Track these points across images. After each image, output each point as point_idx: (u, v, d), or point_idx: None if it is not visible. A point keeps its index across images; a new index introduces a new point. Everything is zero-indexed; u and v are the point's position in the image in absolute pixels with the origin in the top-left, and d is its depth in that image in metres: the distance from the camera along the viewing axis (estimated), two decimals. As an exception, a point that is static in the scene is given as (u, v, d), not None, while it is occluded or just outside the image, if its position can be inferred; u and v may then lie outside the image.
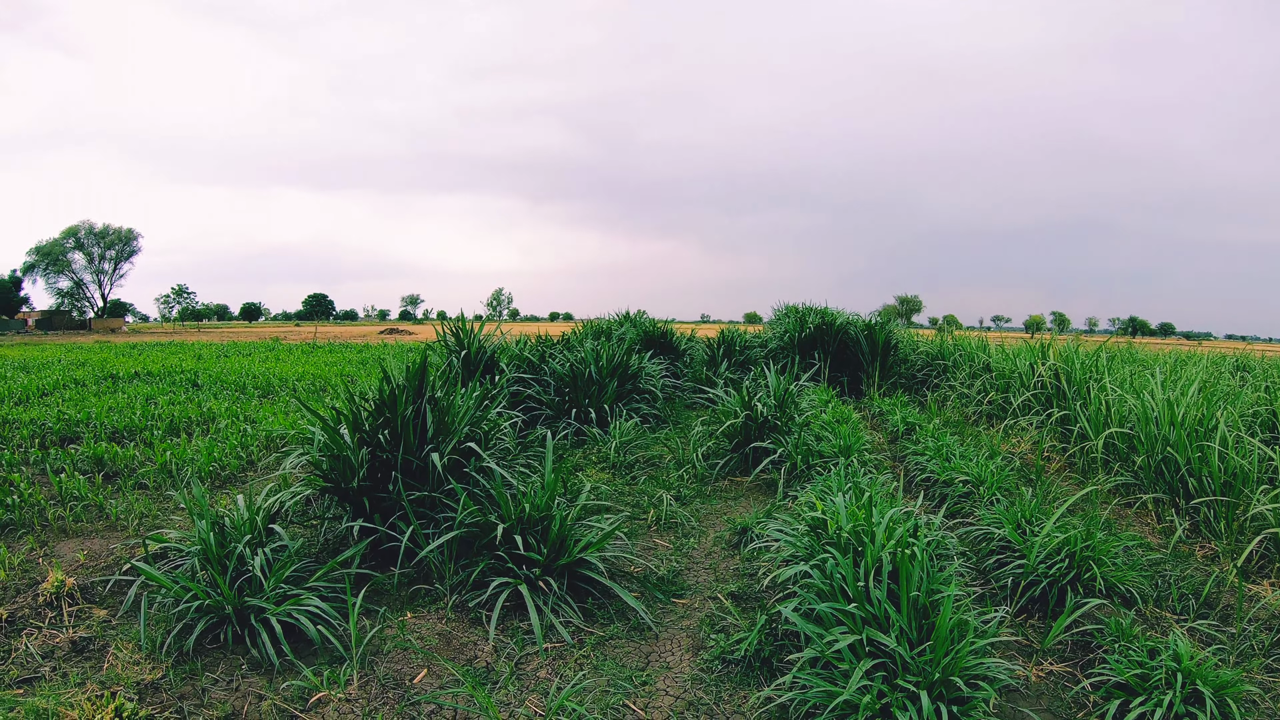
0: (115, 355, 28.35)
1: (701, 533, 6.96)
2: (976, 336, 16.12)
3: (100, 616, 5.13)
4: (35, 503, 7.33)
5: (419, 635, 4.89)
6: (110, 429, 11.15)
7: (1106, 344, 11.33)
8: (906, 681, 3.67)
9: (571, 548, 5.44)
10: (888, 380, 15.77)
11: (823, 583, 4.43)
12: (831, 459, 8.16)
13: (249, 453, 9.76)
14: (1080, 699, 4.20)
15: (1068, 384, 10.16)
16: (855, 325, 16.34)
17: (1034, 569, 5.22)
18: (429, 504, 6.08)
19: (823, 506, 5.43)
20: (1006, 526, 5.84)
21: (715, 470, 8.90)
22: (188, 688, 4.28)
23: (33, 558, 6.20)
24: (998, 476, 7.45)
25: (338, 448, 6.16)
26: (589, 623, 5.12)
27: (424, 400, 6.45)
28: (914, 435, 10.12)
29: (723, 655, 4.57)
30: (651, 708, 4.15)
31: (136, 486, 8.32)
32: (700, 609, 5.35)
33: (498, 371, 11.07)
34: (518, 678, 4.43)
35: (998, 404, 11.93)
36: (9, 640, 4.78)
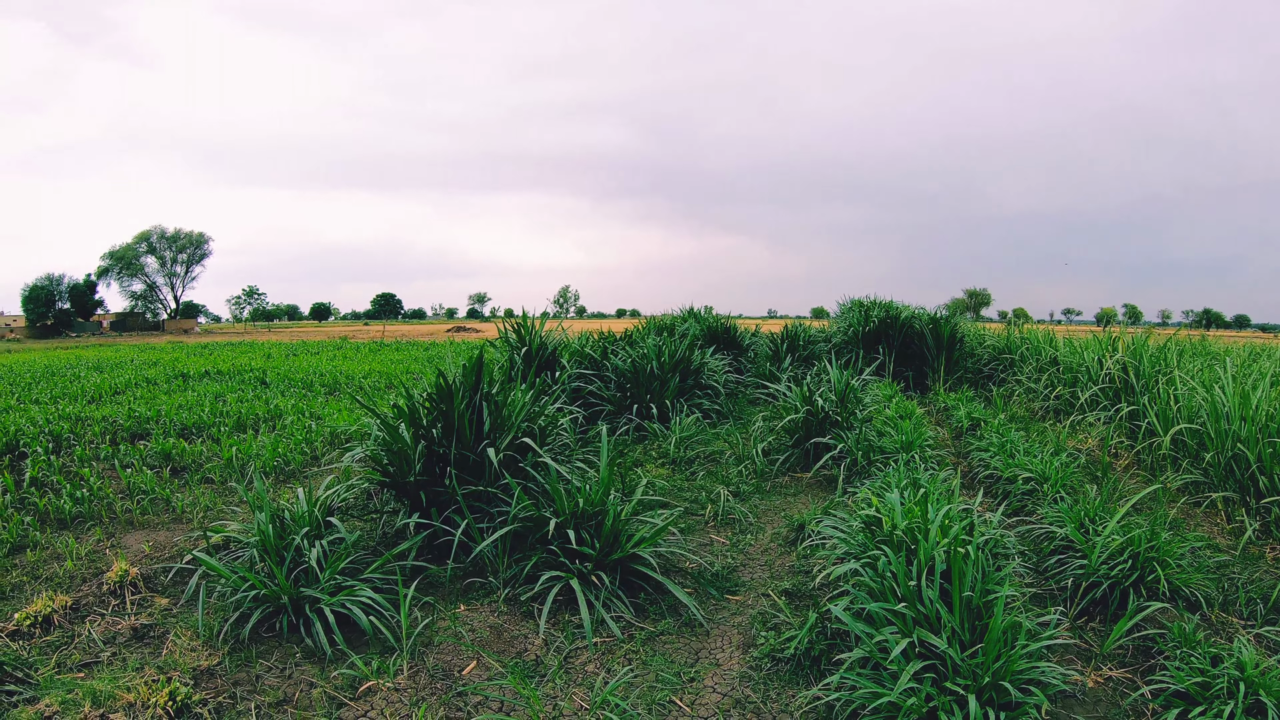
0: (186, 355, 28.97)
1: (759, 529, 6.92)
2: (1044, 330, 15.85)
3: (162, 605, 5.28)
4: (104, 496, 7.54)
5: (471, 628, 4.94)
6: (179, 426, 11.39)
7: (1175, 336, 11.04)
8: (956, 684, 3.61)
9: (624, 543, 5.44)
10: (953, 375, 15.54)
11: (874, 581, 4.38)
12: (893, 455, 8.04)
13: (313, 448, 9.94)
14: (1138, 707, 4.04)
15: (1136, 378, 9.93)
16: (920, 319, 16.10)
17: (1095, 569, 5.07)
18: (484, 498, 6.12)
19: (878, 503, 5.37)
20: (1069, 525, 5.69)
21: (775, 466, 8.83)
22: (242, 674, 4.40)
23: (100, 549, 6.37)
24: (1062, 473, 7.27)
25: (394, 442, 6.23)
26: (640, 618, 5.12)
27: (479, 396, 6.50)
28: (978, 431, 9.97)
29: (772, 653, 4.53)
30: (698, 705, 4.14)
31: (203, 481, 8.53)
32: (753, 606, 5.32)
33: (558, 368, 11.13)
34: (565, 671, 4.46)
35: (1065, 399, 11.71)
36: (73, 626, 4.93)
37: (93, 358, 27.88)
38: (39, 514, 7.16)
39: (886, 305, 17.20)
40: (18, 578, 5.78)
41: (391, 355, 28.00)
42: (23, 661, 4.48)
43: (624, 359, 11.88)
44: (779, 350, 16.53)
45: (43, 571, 5.90)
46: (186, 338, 64.37)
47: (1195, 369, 9.60)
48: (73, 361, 25.19)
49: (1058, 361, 12.83)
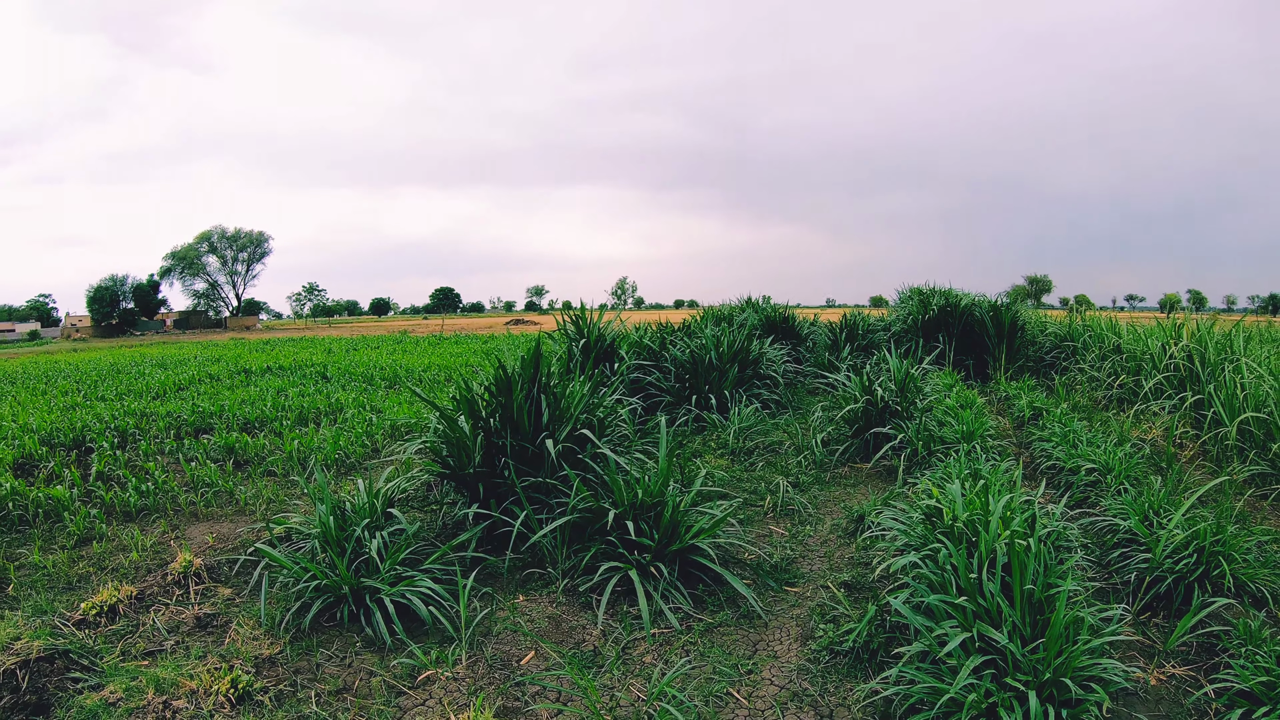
0: (248, 351, 29.47)
1: (818, 520, 6.89)
2: (1107, 316, 15.59)
3: (225, 595, 5.40)
4: (169, 489, 7.71)
5: (529, 618, 4.99)
6: (242, 420, 11.61)
7: (1242, 322, 10.79)
8: (1016, 680, 3.56)
9: (683, 534, 5.46)
10: (1014, 363, 15.34)
11: (934, 573, 4.33)
12: (953, 445, 7.97)
13: (373, 441, 10.08)
14: (1201, 706, 3.93)
15: (1201, 366, 9.72)
16: (981, 306, 15.89)
17: (1159, 564, 4.97)
18: (543, 489, 6.17)
19: (938, 494, 5.31)
20: (1132, 518, 5.55)
21: (835, 456, 8.77)
22: (303, 663, 4.48)
23: (164, 540, 6.54)
24: (1126, 464, 7.13)
25: (453, 434, 6.31)
26: (698, 609, 5.13)
27: (537, 388, 6.55)
28: (1040, 420, 9.84)
29: (830, 646, 4.52)
30: (755, 697, 4.13)
31: (265, 474, 8.71)
32: (812, 598, 5.31)
33: (617, 359, 11.13)
34: (623, 662, 4.48)
35: (1128, 388, 11.51)
36: (138, 615, 5.04)
37: (157, 355, 28.47)
38: (105, 507, 7.32)
39: (946, 293, 17.03)
40: (84, 569, 5.94)
41: (450, 349, 28.19)
42: (88, 650, 4.58)
43: (682, 350, 11.87)
44: (837, 339, 16.41)
45: (109, 563, 6.06)
46: (248, 334, 65.45)
47: (1263, 356, 9.39)
48: (137, 359, 25.75)
49: (1121, 349, 12.58)
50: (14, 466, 8.93)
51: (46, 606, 5.20)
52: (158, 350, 34.16)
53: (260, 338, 50.37)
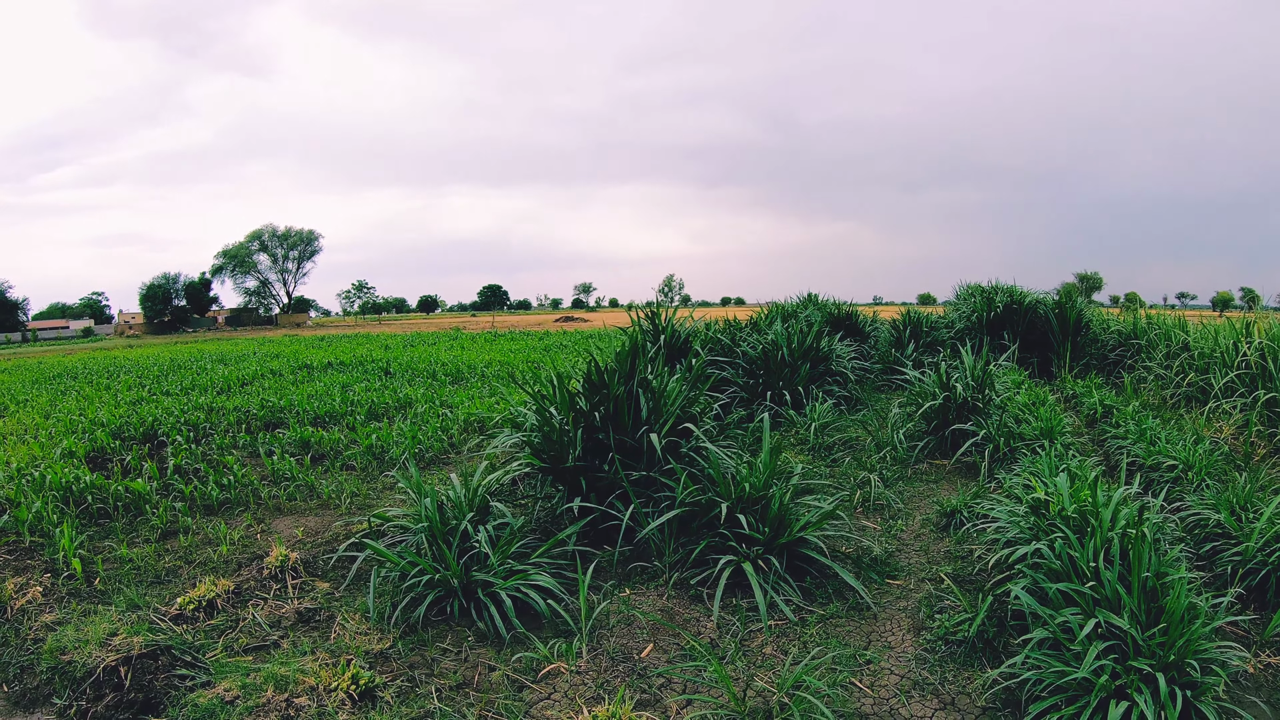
0: (305, 347, 29.82)
1: (908, 514, 6.98)
2: (1175, 315, 15.58)
3: (323, 589, 5.48)
4: (249, 483, 7.86)
5: (641, 611, 5.03)
6: (312, 415, 11.85)
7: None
8: (1140, 663, 3.63)
9: (791, 526, 5.52)
10: (1079, 361, 15.31)
11: (1054, 563, 4.42)
12: (1032, 442, 8.06)
13: (449, 436, 10.21)
14: None
15: (1275, 364, 9.84)
16: (1045, 304, 15.90)
17: (1252, 556, 5.07)
18: (644, 484, 6.22)
19: (1041, 488, 5.43)
20: (1222, 511, 5.69)
21: (914, 453, 8.88)
22: (417, 657, 4.54)
23: (250, 534, 6.67)
24: (1206, 461, 7.24)
25: (551, 429, 6.41)
26: (808, 601, 5.18)
27: (635, 382, 6.61)
28: (1112, 418, 9.94)
29: (945, 636, 4.61)
30: (878, 686, 4.19)
31: (343, 468, 8.87)
32: (915, 590, 5.38)
33: (692, 355, 11.25)
34: (744, 654, 4.52)
35: (1197, 386, 11.59)
36: (236, 611, 5.14)
37: (214, 351, 28.94)
38: (186, 500, 7.45)
39: (1010, 290, 16.99)
40: (171, 562, 6.05)
41: (507, 345, 28.41)
42: (190, 646, 4.66)
43: (754, 346, 11.98)
44: (901, 336, 16.45)
45: (196, 556, 6.17)
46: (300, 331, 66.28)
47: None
48: (195, 355, 26.22)
49: (1189, 347, 12.63)
50: (87, 459, 9.16)
51: (139, 601, 5.31)
52: (214, 346, 34.64)
53: (313, 334, 50.80)
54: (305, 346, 30.45)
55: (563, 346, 27.08)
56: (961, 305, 18.41)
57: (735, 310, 19.26)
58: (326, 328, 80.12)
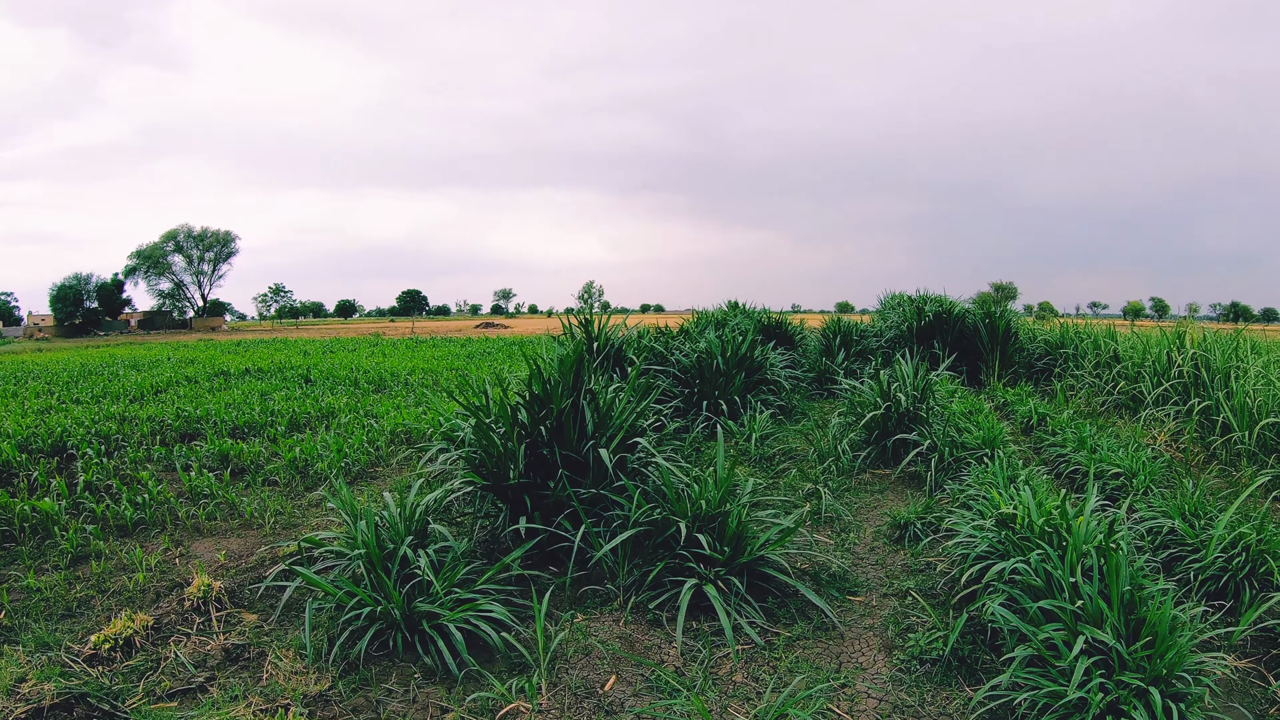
0: (222, 353, 29.20)
1: (859, 527, 6.86)
2: (1105, 325, 15.88)
3: (251, 622, 5.02)
4: (165, 501, 7.37)
5: (599, 639, 4.76)
6: (230, 425, 11.36)
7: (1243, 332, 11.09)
8: (1129, 678, 3.59)
9: (751, 545, 5.34)
10: (1008, 370, 15.51)
11: (1033, 578, 4.37)
12: (975, 451, 8.04)
13: (376, 448, 9.83)
14: (1273, 695, 4.09)
15: (1208, 373, 10.01)
16: (974, 314, 16.12)
17: (1210, 563, 5.12)
18: (593, 501, 5.96)
19: (1003, 501, 5.42)
20: (1175, 519, 5.78)
21: (857, 463, 8.81)
22: (360, 699, 4.13)
23: (169, 558, 6.18)
24: (1150, 468, 7.31)
25: (490, 444, 6.04)
26: (772, 623, 4.99)
27: (580, 394, 6.36)
28: (1046, 425, 10.02)
29: (919, 655, 4.48)
30: (857, 712, 4.03)
31: (265, 483, 8.42)
32: (879, 606, 5.25)
33: (628, 364, 11.09)
34: (714, 683, 4.30)
35: (1128, 394, 11.79)
36: (157, 649, 4.62)
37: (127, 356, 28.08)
38: (98, 521, 6.96)
39: (939, 300, 17.22)
40: (83, 592, 5.51)
41: (429, 352, 28.10)
42: (108, 691, 4.16)
43: (688, 355, 11.86)
44: (832, 345, 16.60)
45: (110, 585, 5.64)
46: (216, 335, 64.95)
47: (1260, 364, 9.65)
48: (107, 360, 25.36)
49: (1119, 357, 12.84)
50: (-11, 476, 8.51)
51: (49, 639, 4.77)
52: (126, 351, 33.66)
53: (229, 339, 49.75)
54: (221, 352, 29.84)
55: (486, 353, 26.84)
56: (890, 314, 18.62)
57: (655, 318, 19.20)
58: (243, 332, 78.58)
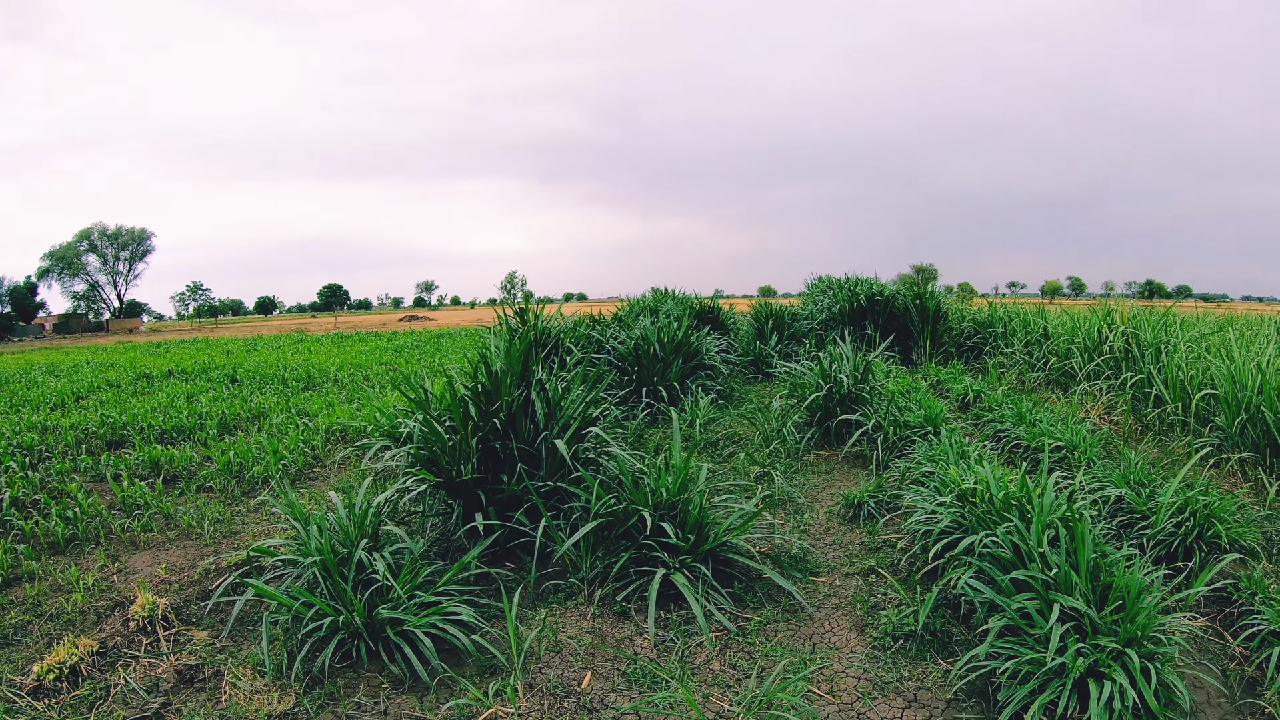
0: (142, 355, 28.48)
1: (811, 508, 6.88)
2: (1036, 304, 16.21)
3: (202, 640, 4.75)
4: (97, 514, 7.01)
5: (570, 635, 4.68)
6: (158, 430, 10.98)
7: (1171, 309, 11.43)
8: (1104, 641, 3.69)
9: (717, 532, 5.33)
10: (939, 349, 15.85)
11: (1002, 551, 4.46)
12: (919, 429, 8.18)
13: (312, 448, 9.61)
14: (1231, 650, 4.33)
15: (1139, 348, 10.28)
16: (905, 295, 16.39)
17: (1161, 529, 5.32)
18: (549, 494, 5.91)
19: (958, 475, 5.55)
20: (1123, 488, 5.96)
21: (801, 445, 8.85)
22: (329, 716, 3.95)
23: (106, 575, 5.83)
24: (1089, 441, 7.54)
25: (438, 439, 5.92)
26: (740, 609, 4.97)
27: (530, 386, 6.26)
28: (982, 402, 10.23)
29: (891, 632, 4.52)
30: (838, 691, 4.03)
31: (200, 490, 8.08)
32: (844, 586, 5.27)
33: (565, 352, 11.11)
34: (692, 672, 4.25)
35: (1058, 370, 12.07)
36: (105, 675, 4.34)
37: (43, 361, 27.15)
38: (27, 539, 6.57)
39: (869, 283, 17.52)
40: (19, 616, 5.14)
41: (356, 347, 27.70)
42: None
43: (623, 342, 11.89)
44: (764, 329, 16.74)
45: (47, 607, 5.27)
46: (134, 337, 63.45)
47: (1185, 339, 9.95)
48: (24, 367, 24.44)
49: (1048, 334, 13.16)
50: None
51: None
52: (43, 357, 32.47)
53: (149, 340, 48.43)
54: (142, 354, 29.08)
55: (414, 347, 26.61)
56: (819, 297, 18.84)
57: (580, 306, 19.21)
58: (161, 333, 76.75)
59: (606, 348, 11.87)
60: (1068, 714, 3.56)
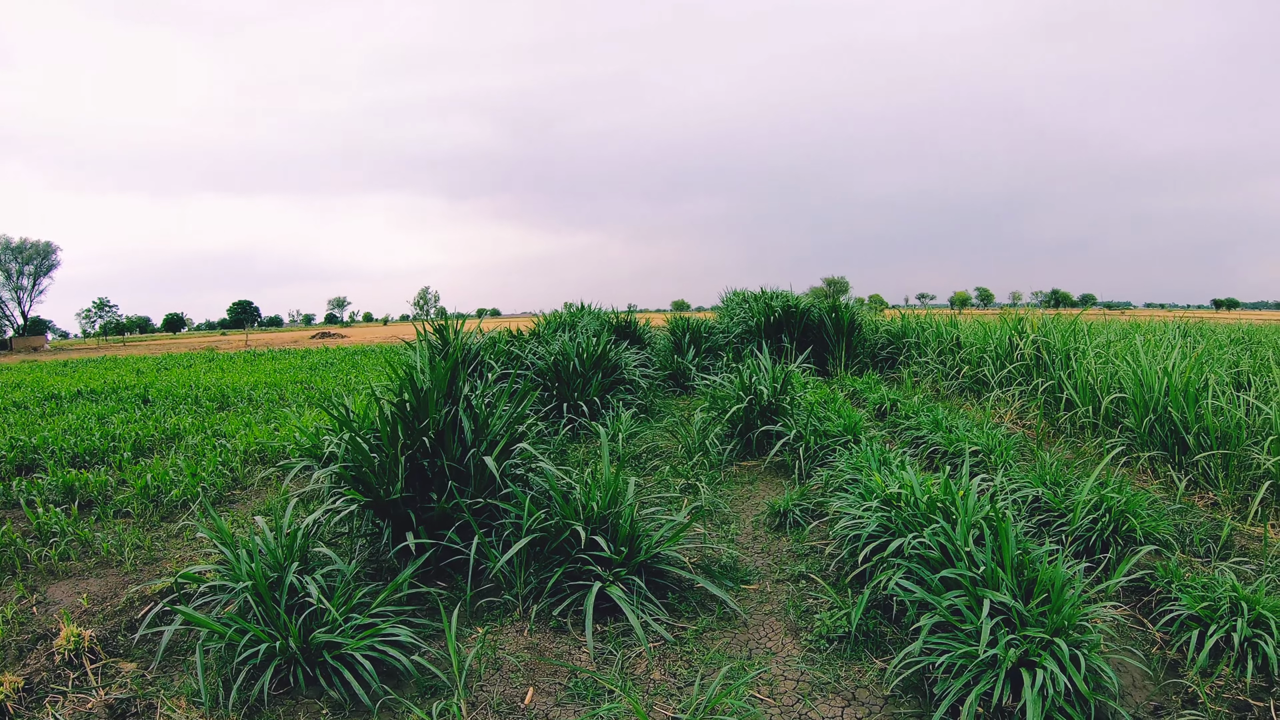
0: (49, 374, 27.52)
1: (737, 518, 6.97)
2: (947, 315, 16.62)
3: (131, 671, 4.60)
4: (10, 541, 6.73)
5: (509, 652, 4.66)
6: (70, 453, 10.62)
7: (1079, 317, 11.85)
8: (1033, 633, 3.87)
9: (650, 544, 5.38)
10: (854, 360, 16.13)
11: (930, 551, 4.62)
12: (839, 438, 8.31)
13: (231, 470, 9.40)
14: (1152, 636, 4.61)
15: (1049, 355, 10.61)
16: (820, 308, 16.66)
17: (1079, 525, 5.60)
18: (480, 511, 5.89)
19: (882, 481, 5.71)
20: (1039, 487, 6.26)
21: (724, 456, 8.94)
22: None
23: (25, 607, 5.59)
24: (1005, 445, 7.79)
25: (364, 459, 5.88)
26: (676, 618, 5.02)
27: (458, 404, 6.23)
28: (899, 410, 10.45)
29: (826, 634, 4.62)
30: (779, 695, 4.10)
31: (118, 515, 7.85)
32: (775, 593, 5.35)
33: (486, 369, 11.10)
34: (634, 683, 4.28)
35: (971, 378, 12.39)
36: (33, 714, 4.19)
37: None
38: None
39: (785, 295, 17.75)
40: None
41: (269, 365, 27.15)
42: None
43: (543, 357, 11.89)
44: (681, 343, 16.87)
45: None
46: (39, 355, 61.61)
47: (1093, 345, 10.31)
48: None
49: (961, 344, 13.52)
50: None
51: None
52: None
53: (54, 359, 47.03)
54: (48, 373, 28.05)
55: (329, 364, 26.22)
56: (735, 310, 19.02)
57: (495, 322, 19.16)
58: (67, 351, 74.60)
59: (527, 364, 11.87)
60: (1002, 703, 3.70)
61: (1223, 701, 4.00)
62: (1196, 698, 4.02)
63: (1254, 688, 4.05)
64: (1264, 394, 7.56)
